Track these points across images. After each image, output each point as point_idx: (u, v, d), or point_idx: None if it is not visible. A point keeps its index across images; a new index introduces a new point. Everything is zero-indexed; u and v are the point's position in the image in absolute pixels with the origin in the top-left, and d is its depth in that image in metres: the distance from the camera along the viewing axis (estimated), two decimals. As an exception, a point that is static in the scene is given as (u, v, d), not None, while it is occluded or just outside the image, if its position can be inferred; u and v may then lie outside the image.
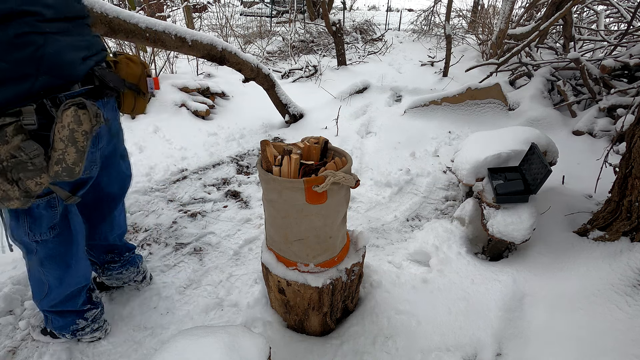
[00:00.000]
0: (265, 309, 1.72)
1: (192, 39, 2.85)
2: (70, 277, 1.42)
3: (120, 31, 2.37)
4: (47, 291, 1.42)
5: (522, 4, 7.59)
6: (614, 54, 3.90)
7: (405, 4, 15.51)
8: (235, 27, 8.84)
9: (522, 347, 1.50)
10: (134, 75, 1.35)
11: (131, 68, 1.34)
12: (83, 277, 1.49)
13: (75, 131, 1.08)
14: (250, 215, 2.49)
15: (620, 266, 1.59)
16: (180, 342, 1.09)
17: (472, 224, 2.18)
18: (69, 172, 1.11)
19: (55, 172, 1.09)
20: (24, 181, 1.05)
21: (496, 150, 2.18)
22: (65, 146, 1.08)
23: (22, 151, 1.02)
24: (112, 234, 1.66)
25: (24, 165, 1.03)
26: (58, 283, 1.41)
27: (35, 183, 1.07)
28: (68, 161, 1.09)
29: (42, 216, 1.25)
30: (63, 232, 1.33)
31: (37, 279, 1.42)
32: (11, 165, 1.01)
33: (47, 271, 1.37)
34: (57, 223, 1.30)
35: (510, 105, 3.80)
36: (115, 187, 1.58)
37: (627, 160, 1.70)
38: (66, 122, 1.06)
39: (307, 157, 1.42)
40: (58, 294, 1.43)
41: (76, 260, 1.41)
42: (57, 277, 1.39)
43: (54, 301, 1.45)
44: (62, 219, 1.31)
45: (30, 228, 1.25)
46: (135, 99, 1.40)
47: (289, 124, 4.03)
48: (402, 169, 3.02)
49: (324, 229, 1.34)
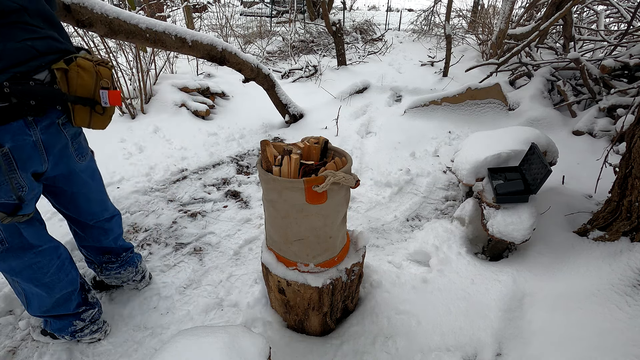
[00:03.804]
0: (265, 309, 1.72)
1: (193, 39, 2.85)
2: (46, 287, 1.35)
3: (120, 32, 2.37)
4: (27, 301, 1.39)
5: (522, 4, 7.59)
6: (614, 54, 3.90)
7: (405, 4, 15.53)
8: (235, 27, 8.85)
9: (522, 347, 1.50)
10: (86, 87, 1.16)
11: (82, 79, 1.14)
12: (66, 283, 1.42)
13: None
14: (250, 215, 2.50)
15: (620, 266, 1.58)
16: (180, 342, 1.09)
17: (472, 224, 2.18)
18: None
19: None
20: None
21: (496, 150, 2.18)
22: None
23: None
24: (105, 238, 1.63)
25: None
26: (34, 292, 1.36)
27: None
28: None
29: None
30: (13, 247, 1.25)
31: (15, 289, 1.39)
32: None
33: (19, 282, 1.34)
34: (4, 238, 1.22)
35: (510, 105, 3.80)
36: (96, 208, 1.53)
37: (627, 160, 1.70)
38: None
39: (307, 157, 1.42)
40: (41, 303, 1.40)
41: (45, 272, 1.33)
42: (29, 287, 1.35)
43: (43, 308, 1.42)
44: (11, 234, 1.23)
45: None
46: (90, 113, 1.21)
47: (289, 124, 4.03)
48: (402, 169, 3.02)
49: (324, 229, 1.34)
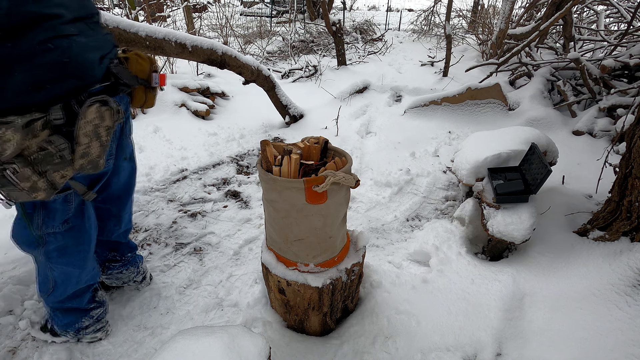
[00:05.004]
0: (265, 309, 1.72)
1: (193, 44, 2.86)
2: (78, 274, 1.44)
3: (120, 41, 2.38)
4: (53, 288, 1.44)
5: (522, 4, 7.60)
6: (614, 54, 3.90)
7: (405, 4, 15.55)
8: (235, 27, 8.85)
9: (522, 347, 1.50)
10: (143, 71, 1.39)
11: (140, 64, 1.37)
12: (91, 275, 1.51)
13: (99, 127, 1.14)
14: (250, 215, 2.49)
15: (620, 266, 1.59)
16: (180, 342, 1.09)
17: (472, 224, 2.18)
18: (94, 164, 1.18)
19: (81, 165, 1.14)
20: (51, 173, 1.10)
21: (496, 150, 2.18)
22: (90, 141, 1.13)
23: (52, 144, 1.07)
24: (118, 231, 1.68)
25: (51, 158, 1.08)
26: (64, 278, 1.42)
27: (61, 176, 1.13)
28: (93, 155, 1.16)
29: (57, 210, 1.28)
30: (75, 227, 1.36)
31: (43, 274, 1.43)
32: (40, 157, 1.06)
33: (54, 266, 1.39)
34: (70, 217, 1.33)
35: (510, 105, 3.80)
36: (123, 181, 1.61)
37: (627, 160, 1.70)
38: (90, 119, 1.11)
39: (307, 157, 1.42)
40: (64, 291, 1.45)
41: (84, 257, 1.43)
42: (63, 272, 1.41)
43: (61, 297, 1.47)
44: (76, 214, 1.35)
45: (44, 221, 1.29)
46: (145, 93, 1.44)
47: (289, 125, 4.03)
48: (402, 169, 3.02)
49: (324, 229, 1.34)
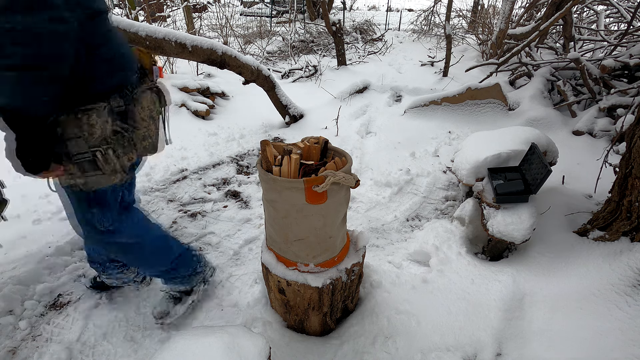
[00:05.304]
0: (265, 309, 1.72)
1: (192, 44, 2.86)
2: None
3: None
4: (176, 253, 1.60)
5: (522, 4, 7.60)
6: (614, 54, 3.90)
7: (405, 4, 15.54)
8: (235, 27, 8.85)
9: (522, 347, 1.50)
10: (146, 64, 1.47)
11: (142, 58, 1.45)
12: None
13: (153, 111, 1.27)
14: (250, 215, 2.49)
15: (620, 266, 1.58)
16: (180, 342, 1.09)
17: (472, 224, 2.18)
18: (153, 146, 1.30)
19: (144, 147, 1.25)
20: (122, 157, 1.20)
21: (496, 150, 2.18)
22: (148, 124, 1.24)
23: (122, 128, 1.17)
24: None
25: (123, 141, 1.18)
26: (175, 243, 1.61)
27: (128, 158, 1.22)
28: (152, 137, 1.27)
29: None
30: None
31: (157, 247, 1.55)
32: (114, 141, 1.16)
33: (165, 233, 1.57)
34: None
35: (510, 105, 3.80)
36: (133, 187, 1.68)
37: (627, 160, 1.70)
38: (145, 104, 1.24)
39: (307, 157, 1.42)
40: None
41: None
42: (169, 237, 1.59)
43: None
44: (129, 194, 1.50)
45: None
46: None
47: (289, 125, 4.03)
48: (402, 169, 3.02)
49: (324, 229, 1.34)
